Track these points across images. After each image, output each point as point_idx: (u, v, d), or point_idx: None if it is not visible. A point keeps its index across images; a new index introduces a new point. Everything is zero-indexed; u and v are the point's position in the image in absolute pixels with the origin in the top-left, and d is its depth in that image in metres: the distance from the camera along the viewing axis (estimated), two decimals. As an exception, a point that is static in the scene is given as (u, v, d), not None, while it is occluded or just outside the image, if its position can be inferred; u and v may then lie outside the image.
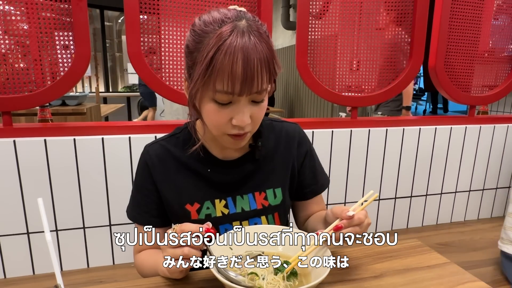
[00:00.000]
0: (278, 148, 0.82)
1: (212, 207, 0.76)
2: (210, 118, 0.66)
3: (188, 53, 0.65)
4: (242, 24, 0.60)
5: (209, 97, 0.63)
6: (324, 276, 0.55)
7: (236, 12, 0.63)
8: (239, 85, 0.59)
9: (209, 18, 0.63)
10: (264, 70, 0.60)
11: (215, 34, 0.59)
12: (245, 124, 0.64)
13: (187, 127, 0.79)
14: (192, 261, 0.58)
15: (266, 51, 0.60)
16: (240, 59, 0.57)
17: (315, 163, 0.88)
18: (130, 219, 0.80)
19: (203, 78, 0.60)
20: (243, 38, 0.58)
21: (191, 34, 0.65)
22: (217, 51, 0.58)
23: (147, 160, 0.77)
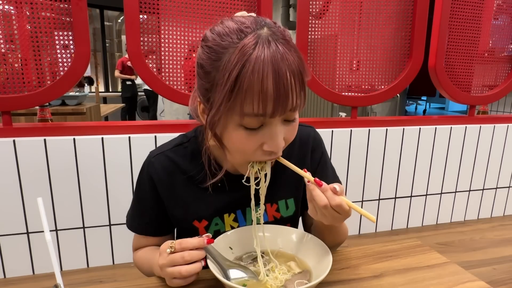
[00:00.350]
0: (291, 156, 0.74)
1: (221, 223, 0.72)
2: (236, 146, 0.57)
3: (203, 73, 0.56)
4: (264, 32, 0.52)
5: (236, 123, 0.54)
6: (324, 276, 0.55)
7: (253, 18, 0.55)
8: (272, 105, 0.51)
9: (224, 30, 0.54)
10: (297, 83, 0.52)
11: (236, 49, 0.50)
12: (279, 149, 0.57)
13: (195, 136, 0.73)
14: (192, 279, 0.58)
15: (297, 60, 0.53)
16: (270, 75, 0.49)
17: (328, 170, 0.82)
18: (129, 228, 0.77)
19: (228, 102, 0.51)
20: (270, 49, 0.50)
21: (205, 51, 0.55)
22: (242, 69, 0.49)
23: (151, 174, 0.71)
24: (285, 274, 0.62)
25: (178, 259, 0.56)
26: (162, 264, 0.58)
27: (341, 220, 0.58)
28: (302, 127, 0.80)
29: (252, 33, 0.51)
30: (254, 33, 0.51)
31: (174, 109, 5.83)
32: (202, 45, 0.57)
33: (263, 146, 0.56)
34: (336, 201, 0.56)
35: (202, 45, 0.57)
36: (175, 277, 0.57)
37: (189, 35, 1.55)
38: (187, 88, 1.61)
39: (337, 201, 0.56)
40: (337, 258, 0.72)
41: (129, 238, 0.80)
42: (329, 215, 0.57)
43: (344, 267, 0.69)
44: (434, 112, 9.32)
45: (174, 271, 0.56)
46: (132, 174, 1.51)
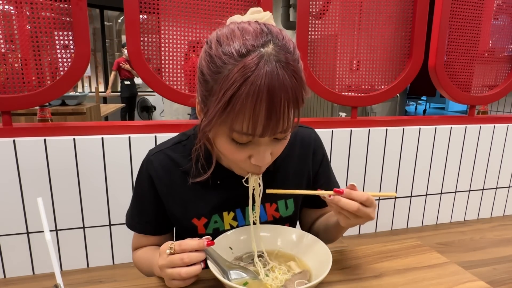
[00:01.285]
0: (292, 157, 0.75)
1: (220, 221, 0.72)
2: (225, 153, 0.59)
3: (203, 80, 0.56)
4: (269, 51, 0.51)
5: (226, 134, 0.55)
6: (324, 276, 0.55)
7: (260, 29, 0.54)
8: (262, 128, 0.51)
9: (228, 43, 0.52)
10: (291, 109, 0.52)
11: (236, 67, 0.50)
12: (264, 164, 0.58)
13: (194, 134, 0.73)
14: (191, 281, 0.58)
15: (295, 85, 0.52)
16: (264, 101, 0.49)
17: (329, 172, 0.82)
18: (128, 227, 0.78)
19: (220, 117, 0.52)
20: (269, 74, 0.49)
21: (207, 60, 0.55)
22: (238, 90, 0.49)
23: (150, 172, 0.71)
24: (285, 274, 0.62)
25: (177, 261, 0.56)
26: (162, 265, 0.58)
27: (373, 213, 0.60)
28: (302, 128, 0.80)
29: (255, 52, 0.50)
30: (257, 51, 0.50)
31: (174, 109, 5.83)
32: (206, 49, 0.57)
33: (251, 159, 0.58)
34: (365, 196, 0.59)
35: (206, 49, 0.57)
36: (174, 278, 0.57)
37: (189, 35, 1.55)
38: (187, 88, 1.61)
39: (365, 196, 0.59)
40: (337, 258, 0.72)
41: (129, 238, 0.80)
42: (363, 214, 0.59)
43: (344, 267, 0.69)
44: (434, 112, 9.32)
45: (173, 273, 0.56)
46: (132, 174, 1.51)
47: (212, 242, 0.59)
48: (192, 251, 0.57)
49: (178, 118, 5.89)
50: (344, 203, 0.58)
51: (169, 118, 5.99)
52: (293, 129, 0.57)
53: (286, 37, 0.55)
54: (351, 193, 0.59)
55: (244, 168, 0.61)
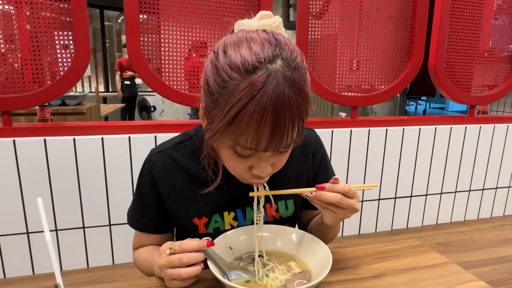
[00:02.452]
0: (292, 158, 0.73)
1: (220, 220, 0.73)
2: (227, 163, 0.61)
3: (209, 92, 0.55)
4: (276, 68, 0.50)
5: (228, 146, 0.56)
6: (324, 276, 0.55)
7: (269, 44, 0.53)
8: (265, 144, 0.52)
9: (236, 57, 0.52)
10: (295, 126, 0.53)
11: (242, 83, 0.49)
12: (265, 175, 0.59)
13: (196, 134, 0.74)
14: (190, 281, 0.58)
15: (301, 104, 0.51)
16: (269, 120, 0.49)
17: (328, 173, 0.82)
18: (130, 225, 0.78)
19: (224, 132, 0.52)
20: (275, 93, 0.49)
21: (213, 72, 0.54)
22: (243, 108, 0.49)
23: (152, 171, 0.72)
24: (285, 274, 0.62)
25: (176, 261, 0.56)
26: (161, 265, 0.58)
27: (357, 204, 0.61)
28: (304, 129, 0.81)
29: (262, 69, 0.50)
30: (264, 69, 0.50)
31: (174, 109, 5.83)
32: (212, 60, 0.56)
33: (252, 170, 0.59)
34: (347, 187, 0.59)
35: (212, 60, 0.56)
36: (174, 278, 0.57)
37: (189, 35, 1.55)
38: (187, 88, 1.61)
39: (347, 187, 0.59)
40: (337, 258, 0.72)
41: (129, 238, 0.80)
42: (347, 205, 0.59)
43: (344, 267, 0.69)
44: (434, 112, 9.32)
45: (173, 273, 0.57)
46: (132, 174, 1.51)
47: (212, 243, 0.59)
48: (192, 251, 0.57)
49: (178, 118, 5.89)
50: (326, 196, 0.59)
51: (169, 118, 5.99)
52: (296, 143, 0.57)
53: (294, 50, 0.55)
54: (333, 186, 0.60)
55: (246, 178, 0.62)
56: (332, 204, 0.59)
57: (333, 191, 0.59)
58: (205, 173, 0.70)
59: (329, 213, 0.62)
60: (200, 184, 0.71)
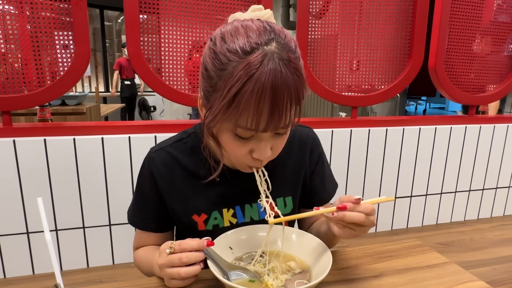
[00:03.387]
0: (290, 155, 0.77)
1: (219, 217, 0.73)
2: (228, 148, 0.61)
3: (207, 76, 0.57)
4: (272, 49, 0.52)
5: (229, 129, 0.57)
6: (324, 276, 0.55)
7: (264, 29, 0.55)
8: (265, 123, 0.54)
9: (233, 40, 0.54)
10: (293, 106, 0.54)
11: (240, 64, 0.51)
12: (266, 158, 0.60)
13: (194, 132, 0.75)
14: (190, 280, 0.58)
15: (297, 82, 0.53)
16: (268, 98, 0.51)
17: (325, 171, 0.83)
18: (130, 223, 0.78)
19: (224, 113, 0.54)
20: (272, 72, 0.51)
21: (211, 56, 0.56)
22: (242, 87, 0.51)
23: (152, 169, 0.73)
24: (285, 274, 0.62)
25: (176, 261, 0.56)
26: (161, 264, 0.59)
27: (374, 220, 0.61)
28: (301, 127, 0.82)
29: (258, 49, 0.52)
30: (261, 49, 0.52)
31: (174, 109, 5.83)
32: (210, 46, 0.58)
33: (252, 153, 0.60)
34: (369, 208, 0.59)
35: (210, 46, 0.58)
36: (174, 278, 0.57)
37: (189, 35, 1.55)
38: (188, 88, 1.61)
39: (369, 208, 0.59)
40: (337, 258, 0.72)
41: (129, 238, 0.80)
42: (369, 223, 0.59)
43: (344, 267, 0.69)
44: (434, 112, 9.32)
45: (173, 272, 0.57)
46: (132, 174, 1.51)
47: (212, 243, 0.59)
48: (191, 251, 0.57)
49: (178, 118, 5.89)
50: (350, 217, 0.57)
51: (169, 118, 5.99)
52: (293, 125, 0.59)
53: (287, 36, 0.57)
54: (355, 207, 0.58)
55: (245, 163, 0.62)
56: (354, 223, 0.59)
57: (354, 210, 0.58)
58: (205, 169, 0.71)
59: (349, 231, 0.60)
60: (201, 181, 0.72)
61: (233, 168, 0.73)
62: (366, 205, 0.59)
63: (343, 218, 0.58)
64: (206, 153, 0.69)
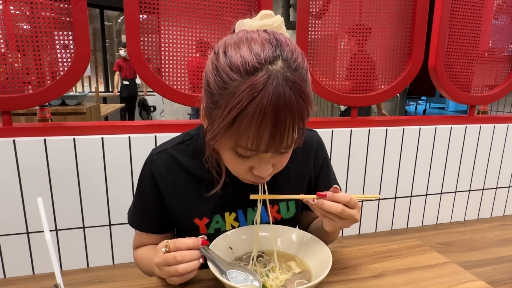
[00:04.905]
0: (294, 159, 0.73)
1: (221, 221, 0.73)
2: (228, 164, 0.61)
3: (209, 92, 0.55)
4: (276, 69, 0.50)
5: (230, 147, 0.56)
6: (324, 276, 0.55)
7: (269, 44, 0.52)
8: (265, 146, 0.52)
9: (236, 58, 0.51)
10: (296, 128, 0.53)
11: (243, 85, 0.49)
12: (266, 175, 0.59)
13: (197, 134, 0.74)
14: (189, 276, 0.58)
15: (301, 105, 0.51)
16: (269, 122, 0.49)
17: (330, 174, 0.82)
18: (130, 225, 0.78)
19: (225, 134, 0.53)
20: (275, 95, 0.48)
21: (213, 73, 0.54)
22: (243, 110, 0.49)
23: (153, 171, 0.72)
24: (285, 274, 0.62)
25: (171, 259, 0.57)
26: (157, 263, 0.59)
27: (357, 215, 0.60)
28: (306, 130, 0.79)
29: (262, 70, 0.49)
30: (264, 70, 0.49)
31: (174, 109, 5.83)
32: (212, 60, 0.56)
33: (253, 170, 0.59)
34: (347, 197, 0.59)
35: (212, 60, 0.56)
36: (172, 275, 0.57)
37: (189, 35, 1.55)
38: (189, 88, 1.61)
39: (348, 197, 0.59)
40: (337, 258, 0.72)
41: (129, 238, 0.80)
42: (347, 216, 0.59)
43: (344, 267, 0.69)
44: (434, 112, 9.32)
45: (171, 270, 0.57)
46: (132, 174, 1.51)
47: (206, 242, 0.59)
48: (186, 249, 0.57)
49: (178, 118, 5.89)
50: (328, 206, 0.58)
51: (169, 118, 5.99)
52: (296, 145, 0.58)
53: (295, 51, 0.54)
54: (334, 195, 0.59)
55: (246, 179, 0.62)
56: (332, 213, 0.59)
57: (334, 200, 0.59)
58: (207, 174, 0.70)
59: (329, 221, 0.61)
60: (203, 185, 0.71)
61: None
62: (344, 195, 0.59)
63: (322, 207, 0.59)
64: (209, 165, 0.68)
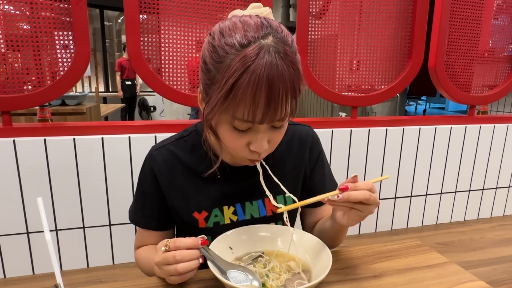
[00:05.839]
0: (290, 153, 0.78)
1: (220, 215, 0.73)
2: (226, 141, 0.62)
3: (206, 70, 0.58)
4: (268, 43, 0.53)
5: (227, 121, 0.58)
6: (324, 276, 0.55)
7: (261, 22, 0.56)
8: (261, 115, 0.54)
9: (231, 35, 0.55)
10: (289, 98, 0.55)
11: (237, 56, 0.53)
12: (263, 151, 0.61)
13: (195, 130, 0.76)
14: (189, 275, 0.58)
15: (293, 75, 0.54)
16: (264, 89, 0.52)
17: (325, 169, 0.84)
18: (131, 221, 0.79)
19: (222, 105, 0.55)
20: (268, 64, 0.52)
21: (210, 50, 0.58)
22: (239, 78, 0.52)
23: (153, 166, 0.74)
24: (285, 274, 0.62)
25: (170, 259, 0.57)
26: (157, 262, 0.59)
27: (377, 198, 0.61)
28: (301, 126, 0.83)
29: (255, 43, 0.53)
30: (257, 42, 0.53)
31: (174, 109, 5.83)
32: (209, 40, 0.60)
33: (250, 146, 0.61)
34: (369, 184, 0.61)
35: (209, 40, 0.60)
36: (172, 274, 0.58)
37: (189, 35, 1.56)
38: (187, 88, 1.61)
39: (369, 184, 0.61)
40: (337, 258, 0.72)
41: (129, 238, 0.80)
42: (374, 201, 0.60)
43: (344, 267, 0.69)
44: (434, 112, 9.32)
45: (170, 269, 0.57)
46: (132, 174, 1.51)
47: (206, 241, 0.59)
48: (186, 249, 0.58)
49: (178, 118, 5.89)
50: (355, 196, 0.59)
51: (169, 118, 5.99)
52: (290, 117, 0.60)
53: (284, 31, 0.58)
54: (356, 185, 0.60)
55: (243, 156, 0.63)
56: (359, 202, 0.59)
57: (356, 189, 0.60)
58: (206, 167, 0.72)
59: (355, 212, 0.61)
60: (202, 179, 0.73)
61: (234, 165, 0.74)
62: (366, 182, 0.61)
63: (349, 199, 0.59)
64: (206, 147, 0.70)
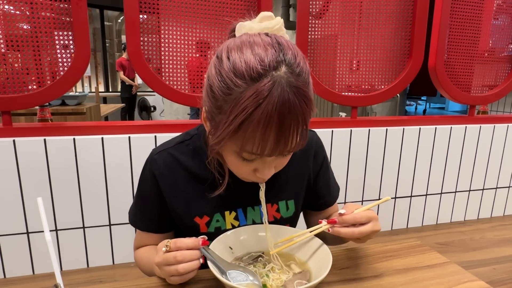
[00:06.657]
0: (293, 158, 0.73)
1: (222, 220, 0.73)
2: (232, 167, 0.63)
3: (213, 97, 0.55)
4: (281, 75, 0.51)
5: (234, 151, 0.57)
6: (324, 276, 0.55)
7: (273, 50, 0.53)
8: (270, 150, 0.53)
9: (240, 64, 0.52)
10: (299, 133, 0.54)
11: (248, 91, 0.50)
12: (269, 177, 0.61)
13: (197, 134, 0.75)
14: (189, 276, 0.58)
15: (305, 110, 0.52)
16: (275, 126, 0.50)
17: (329, 174, 0.84)
18: (131, 224, 0.79)
19: (230, 139, 0.54)
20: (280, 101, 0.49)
21: (218, 78, 0.54)
22: (249, 116, 0.50)
23: (154, 170, 0.72)
24: (285, 274, 0.62)
25: (171, 259, 0.57)
26: (157, 262, 0.59)
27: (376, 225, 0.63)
28: None
29: (267, 76, 0.50)
30: (269, 76, 0.50)
31: (174, 109, 5.83)
32: (216, 65, 0.56)
33: (256, 172, 0.61)
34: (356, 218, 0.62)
35: (216, 65, 0.56)
36: (172, 274, 0.57)
37: (189, 35, 1.55)
38: (187, 88, 1.61)
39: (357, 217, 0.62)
40: (337, 258, 0.72)
41: (129, 238, 0.80)
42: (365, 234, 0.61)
43: (344, 267, 0.69)
44: (434, 112, 9.32)
45: (170, 270, 0.57)
46: (132, 174, 1.51)
47: (207, 242, 0.59)
48: (186, 249, 0.58)
49: (178, 118, 5.89)
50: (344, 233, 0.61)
51: (169, 118, 5.99)
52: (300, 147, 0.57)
53: (297, 54, 0.55)
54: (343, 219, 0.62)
55: (248, 179, 0.64)
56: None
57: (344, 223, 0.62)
58: (209, 174, 0.71)
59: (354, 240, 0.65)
60: (204, 184, 0.72)
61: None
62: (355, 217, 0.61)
63: (339, 234, 0.62)
64: (211, 167, 0.69)
